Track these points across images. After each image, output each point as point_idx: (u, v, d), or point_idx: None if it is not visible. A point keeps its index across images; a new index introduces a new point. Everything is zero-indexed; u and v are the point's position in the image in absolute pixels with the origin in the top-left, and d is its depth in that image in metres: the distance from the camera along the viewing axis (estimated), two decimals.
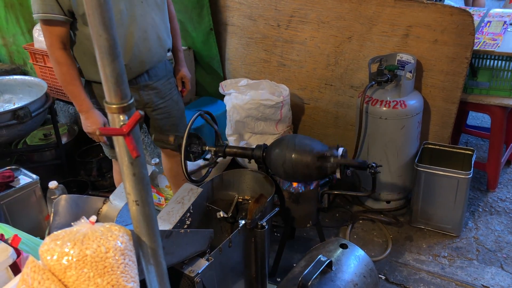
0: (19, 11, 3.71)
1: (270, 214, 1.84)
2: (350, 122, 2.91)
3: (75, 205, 1.62)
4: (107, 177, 3.18)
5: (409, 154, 2.60)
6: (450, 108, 2.60)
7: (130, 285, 0.91)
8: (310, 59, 2.88)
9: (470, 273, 2.32)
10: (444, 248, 2.50)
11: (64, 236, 0.90)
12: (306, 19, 2.78)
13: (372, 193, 2.23)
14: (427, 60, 2.54)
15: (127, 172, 0.90)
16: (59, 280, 0.87)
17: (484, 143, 3.40)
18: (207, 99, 3.30)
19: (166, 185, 2.76)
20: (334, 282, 1.68)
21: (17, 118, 2.65)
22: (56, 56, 1.96)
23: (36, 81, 3.08)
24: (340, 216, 2.80)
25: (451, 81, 2.53)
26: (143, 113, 0.85)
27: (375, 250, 2.51)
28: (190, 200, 1.79)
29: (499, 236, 2.55)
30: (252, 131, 2.83)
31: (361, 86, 2.76)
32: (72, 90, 2.02)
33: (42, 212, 2.40)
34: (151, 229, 0.98)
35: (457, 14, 2.38)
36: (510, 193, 2.89)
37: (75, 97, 2.03)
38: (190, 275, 1.49)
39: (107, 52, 0.78)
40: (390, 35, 2.58)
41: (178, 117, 2.36)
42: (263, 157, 2.15)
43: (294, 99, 2.99)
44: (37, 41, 3.37)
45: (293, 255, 2.47)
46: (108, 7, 0.75)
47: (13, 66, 4.06)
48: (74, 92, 2.02)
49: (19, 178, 2.38)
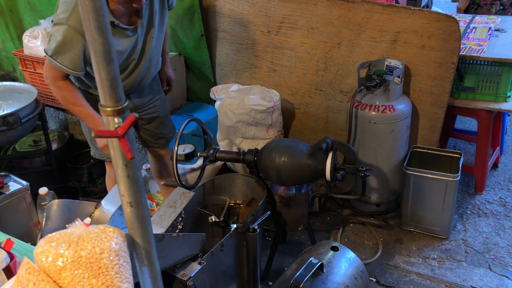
0: (9, 17, 3.70)
1: (262, 217, 1.85)
2: (340, 127, 2.94)
3: (67, 210, 1.62)
4: (97, 183, 3.17)
5: (398, 157, 2.64)
6: (438, 112, 2.65)
7: (124, 285, 0.92)
8: (300, 64, 2.91)
9: (459, 274, 2.35)
10: (434, 250, 2.53)
11: (59, 238, 0.91)
12: (296, 25, 2.81)
13: (362, 197, 2.26)
14: (415, 65, 2.59)
15: (121, 174, 0.91)
16: (54, 281, 0.88)
17: (471, 147, 3.46)
18: (198, 105, 3.31)
19: (157, 190, 2.76)
20: (326, 284, 1.69)
21: (6, 124, 2.63)
22: (58, 85, 1.98)
23: (26, 87, 3.07)
24: (331, 220, 2.82)
25: (439, 85, 2.57)
26: (137, 115, 0.87)
27: (365, 253, 2.53)
28: (182, 204, 1.79)
29: (487, 237, 2.59)
30: (243, 136, 2.85)
31: (350, 91, 2.80)
32: (80, 110, 2.04)
33: (32, 218, 2.38)
34: (145, 230, 0.99)
35: (443, 20, 2.43)
36: (497, 195, 2.94)
37: (86, 116, 2.06)
38: (183, 278, 1.50)
39: (102, 56, 0.80)
40: (378, 41, 2.62)
41: (165, 115, 2.44)
42: (254, 161, 2.17)
43: (285, 104, 3.01)
44: (26, 47, 3.36)
45: (285, 258, 2.48)
46: (103, 12, 0.76)
47: (2, 73, 4.04)
48: (82, 112, 2.05)
49: (9, 185, 2.35)
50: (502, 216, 2.75)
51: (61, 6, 1.88)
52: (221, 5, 2.99)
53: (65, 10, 1.84)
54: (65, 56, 1.87)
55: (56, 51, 1.87)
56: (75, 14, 1.81)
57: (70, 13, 1.82)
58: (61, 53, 1.86)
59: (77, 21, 1.82)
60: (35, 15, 3.58)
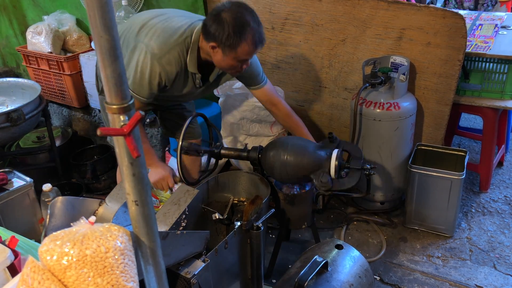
0: (12, 13, 3.70)
1: (266, 215, 1.84)
2: (344, 124, 2.93)
3: (71, 207, 1.61)
4: (101, 179, 3.17)
5: (403, 155, 2.63)
6: (443, 110, 2.63)
7: (129, 284, 0.91)
8: (304, 61, 2.89)
9: (464, 273, 2.34)
10: (438, 248, 2.52)
11: (64, 236, 0.90)
12: (300, 21, 2.80)
13: (367, 194, 2.25)
14: (420, 62, 2.57)
15: (126, 172, 0.90)
16: (59, 280, 0.87)
17: (476, 145, 3.44)
18: (202, 101, 3.30)
19: None
20: (330, 283, 1.69)
21: (10, 121, 2.63)
22: None
23: (29, 83, 3.07)
24: (335, 218, 2.81)
25: (444, 83, 2.56)
26: (143, 113, 0.86)
27: (369, 251, 2.52)
28: (187, 202, 1.79)
29: (492, 236, 2.58)
30: (247, 133, 2.84)
31: (355, 88, 2.78)
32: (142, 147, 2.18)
33: (36, 215, 2.38)
34: (150, 229, 0.98)
35: (449, 17, 2.41)
36: (502, 193, 2.93)
37: (145, 153, 2.13)
38: (187, 276, 1.49)
39: (108, 53, 0.79)
40: (383, 38, 2.61)
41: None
42: (258, 159, 2.16)
43: (289, 101, 2.99)
44: (30, 43, 3.36)
45: (289, 256, 2.48)
46: (109, 8, 0.75)
47: (6, 69, 4.04)
48: (143, 149, 2.13)
49: (13, 181, 2.35)
50: (507, 214, 2.74)
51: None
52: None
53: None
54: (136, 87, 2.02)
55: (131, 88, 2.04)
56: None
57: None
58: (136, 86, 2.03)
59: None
60: (38, 11, 3.57)
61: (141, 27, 2.00)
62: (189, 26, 1.99)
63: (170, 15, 2.05)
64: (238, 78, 2.25)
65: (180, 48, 1.96)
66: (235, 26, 1.82)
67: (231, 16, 1.83)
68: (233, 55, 1.88)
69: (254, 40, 1.86)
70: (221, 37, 1.84)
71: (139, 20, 2.05)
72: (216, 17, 1.86)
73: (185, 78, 2.07)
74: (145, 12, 2.29)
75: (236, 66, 1.95)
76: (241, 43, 1.84)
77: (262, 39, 1.91)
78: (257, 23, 1.88)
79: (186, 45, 1.97)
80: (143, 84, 1.95)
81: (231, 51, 1.87)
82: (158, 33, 1.95)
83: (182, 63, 1.99)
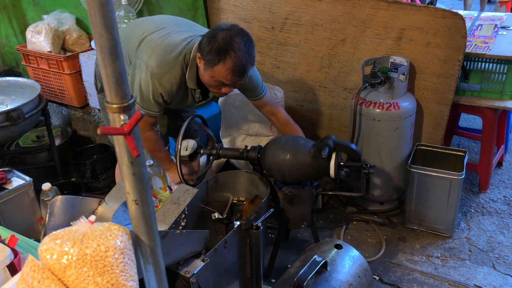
0: (12, 12, 3.69)
1: (265, 215, 1.85)
2: (343, 124, 2.93)
3: (70, 206, 1.61)
4: (100, 179, 3.17)
5: (402, 155, 2.63)
6: (443, 110, 2.63)
7: (129, 284, 0.91)
8: (304, 61, 2.89)
9: (463, 273, 2.34)
10: (437, 248, 2.52)
11: (64, 236, 0.90)
12: (300, 21, 2.80)
13: (366, 194, 2.26)
14: (420, 62, 2.57)
15: (126, 172, 0.90)
16: (59, 279, 0.87)
17: (475, 145, 3.44)
18: None
19: (160, 186, 2.76)
20: (329, 283, 1.69)
21: (9, 120, 2.63)
22: (145, 136, 2.13)
23: (29, 82, 3.06)
24: (334, 217, 2.81)
25: (444, 83, 2.56)
26: (144, 112, 0.86)
27: (369, 251, 2.52)
28: (186, 201, 1.79)
29: (491, 236, 2.58)
30: (246, 133, 2.84)
31: (354, 88, 2.78)
32: (161, 156, 2.31)
33: (35, 214, 2.38)
34: (150, 228, 0.98)
35: (449, 17, 2.41)
36: (501, 194, 2.93)
37: (163, 160, 2.33)
38: (186, 275, 1.50)
39: (108, 52, 0.79)
40: (383, 38, 2.61)
41: None
42: (258, 158, 2.16)
43: (288, 101, 3.00)
44: (30, 43, 3.35)
45: (288, 256, 2.48)
46: (110, 7, 0.75)
47: (6, 68, 4.04)
48: (162, 157, 2.32)
49: (12, 180, 2.36)
50: (506, 214, 2.74)
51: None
52: (225, 1, 2.98)
53: None
54: (141, 101, 2.05)
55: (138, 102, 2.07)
56: None
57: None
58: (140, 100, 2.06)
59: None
60: (38, 10, 3.57)
61: (141, 41, 2.03)
62: (188, 43, 2.02)
63: (170, 30, 2.07)
64: (238, 89, 2.27)
65: (180, 65, 2.00)
66: (220, 46, 1.85)
67: (223, 36, 1.86)
68: (210, 72, 1.91)
69: (232, 67, 1.87)
70: (205, 50, 1.88)
71: (139, 31, 2.07)
72: (212, 32, 1.91)
73: (185, 93, 2.11)
74: (145, 20, 2.29)
75: (215, 85, 1.97)
76: (218, 64, 1.87)
77: (243, 71, 1.91)
78: (247, 55, 1.88)
79: (186, 61, 2.01)
80: (150, 101, 2.00)
81: (209, 67, 1.91)
82: (157, 51, 1.98)
83: (182, 80, 2.04)
